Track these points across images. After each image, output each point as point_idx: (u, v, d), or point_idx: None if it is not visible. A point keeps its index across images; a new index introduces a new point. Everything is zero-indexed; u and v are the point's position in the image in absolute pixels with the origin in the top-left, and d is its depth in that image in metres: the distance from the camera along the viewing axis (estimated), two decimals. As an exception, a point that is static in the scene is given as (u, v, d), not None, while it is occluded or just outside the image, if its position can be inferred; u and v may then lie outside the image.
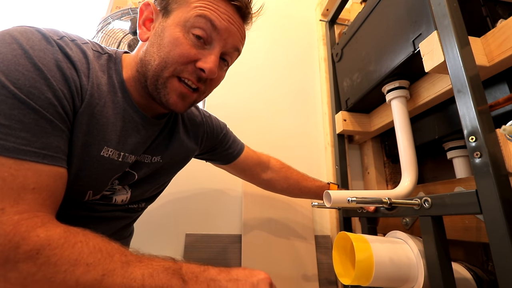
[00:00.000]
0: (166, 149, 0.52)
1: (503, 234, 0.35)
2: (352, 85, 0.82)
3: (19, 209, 0.29)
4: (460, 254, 0.72)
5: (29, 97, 0.31)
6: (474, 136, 0.40)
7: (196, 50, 0.42)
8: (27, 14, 1.05)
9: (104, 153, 0.41)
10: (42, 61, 0.33)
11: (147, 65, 0.42)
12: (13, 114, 0.30)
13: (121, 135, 0.43)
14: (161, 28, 0.42)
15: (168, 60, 0.41)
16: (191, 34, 0.41)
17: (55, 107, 0.33)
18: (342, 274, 0.51)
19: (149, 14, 0.45)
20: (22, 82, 0.31)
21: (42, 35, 0.35)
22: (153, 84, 0.42)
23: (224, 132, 0.66)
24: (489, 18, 0.57)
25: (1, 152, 0.29)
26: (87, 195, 0.42)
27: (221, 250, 0.80)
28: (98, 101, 0.39)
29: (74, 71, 0.36)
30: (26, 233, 0.28)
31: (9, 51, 0.31)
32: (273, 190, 0.77)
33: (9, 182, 0.29)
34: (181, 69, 0.41)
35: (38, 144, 0.31)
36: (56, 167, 0.33)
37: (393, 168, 0.92)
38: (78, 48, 0.39)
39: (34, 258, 0.27)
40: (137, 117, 0.45)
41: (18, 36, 0.33)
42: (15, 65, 0.31)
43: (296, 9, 1.22)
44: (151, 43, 0.42)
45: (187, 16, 0.41)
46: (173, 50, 0.41)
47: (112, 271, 0.30)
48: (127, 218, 0.52)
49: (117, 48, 0.93)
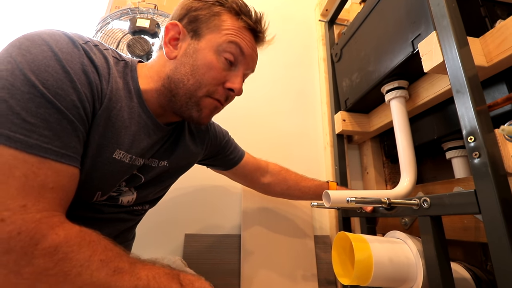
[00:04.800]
0: (172, 154, 0.54)
1: (502, 234, 0.35)
2: (351, 85, 0.82)
3: (39, 207, 0.30)
4: (459, 254, 0.72)
5: (55, 97, 0.32)
6: (473, 136, 0.40)
7: (225, 72, 0.47)
8: (27, 14, 1.04)
9: (116, 156, 0.42)
10: (70, 64, 0.35)
11: (179, 83, 0.45)
12: (39, 112, 0.31)
13: (134, 139, 0.44)
14: (193, 49, 0.46)
15: (203, 82, 0.45)
16: (223, 57, 0.46)
17: (77, 109, 0.35)
18: (342, 274, 0.51)
19: (176, 34, 0.47)
20: (51, 83, 0.32)
21: (69, 38, 0.37)
22: (184, 101, 0.46)
23: (226, 139, 0.68)
24: (487, 18, 0.57)
25: (24, 148, 0.30)
26: (96, 196, 0.43)
27: (221, 250, 0.80)
28: (115, 105, 0.41)
29: (97, 76, 0.38)
30: (46, 231, 0.29)
31: (39, 52, 0.33)
32: (273, 194, 0.77)
33: (31, 180, 0.30)
34: (213, 90, 0.46)
35: (58, 143, 0.32)
36: (72, 167, 0.34)
37: (392, 168, 0.92)
38: (101, 53, 0.41)
39: (52, 254, 0.29)
40: (150, 122, 0.47)
41: (47, 39, 0.34)
42: (45, 67, 0.32)
43: (296, 9, 1.22)
44: (182, 63, 0.45)
45: (220, 41, 0.45)
46: (207, 72, 0.45)
47: (122, 268, 0.32)
48: (130, 220, 0.54)
49: (116, 47, 0.93)
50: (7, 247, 0.27)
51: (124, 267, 0.33)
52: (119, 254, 0.34)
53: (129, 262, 0.34)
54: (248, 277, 0.76)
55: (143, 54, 0.85)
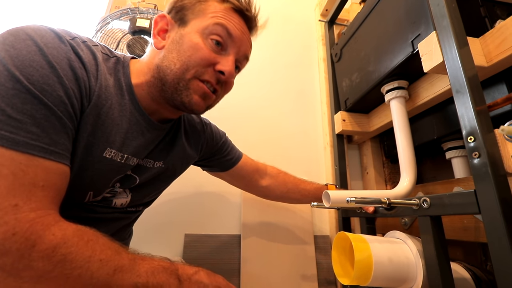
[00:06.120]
0: (168, 154, 0.53)
1: (502, 234, 0.35)
2: (351, 85, 0.82)
3: (32, 206, 0.29)
4: (459, 254, 0.72)
5: (42, 93, 0.31)
6: (472, 136, 0.40)
7: (214, 54, 0.45)
8: (27, 13, 1.04)
9: (106, 154, 0.41)
10: (56, 59, 0.33)
11: (166, 69, 0.44)
12: (26, 108, 0.30)
13: (126, 137, 0.43)
14: (179, 35, 0.45)
15: (190, 63, 0.43)
16: (210, 39, 0.44)
17: (65, 105, 0.33)
18: (341, 274, 0.51)
19: (164, 25, 0.47)
20: (36, 78, 0.31)
21: (56, 34, 0.36)
22: (173, 87, 0.44)
23: (223, 140, 0.68)
24: (487, 18, 0.57)
25: (11, 146, 0.29)
26: (88, 196, 0.43)
27: (220, 250, 0.80)
28: (104, 103, 0.40)
29: (84, 72, 0.37)
30: (42, 231, 0.28)
31: (23, 47, 0.32)
32: (272, 197, 0.77)
33: (20, 178, 0.29)
34: (202, 71, 0.44)
35: (46, 140, 0.31)
36: (62, 164, 0.33)
37: (392, 168, 0.92)
38: (89, 49, 0.40)
39: (50, 256, 0.28)
40: (142, 120, 0.46)
41: (32, 34, 0.33)
42: (30, 61, 0.31)
43: (296, 9, 1.22)
44: (169, 50, 0.44)
45: (205, 24, 0.44)
46: (194, 54, 0.43)
47: (121, 267, 0.32)
48: (126, 219, 0.53)
49: (115, 47, 0.93)
50: (2, 249, 0.26)
51: (124, 265, 0.32)
52: (118, 252, 0.33)
53: (128, 258, 0.33)
54: (248, 276, 0.76)
55: (143, 54, 0.85)
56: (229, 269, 0.77)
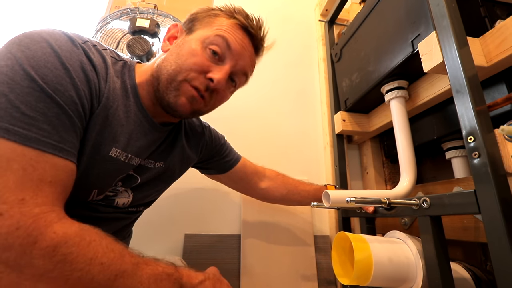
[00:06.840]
0: (169, 155, 0.54)
1: (502, 234, 0.35)
2: (351, 85, 0.82)
3: (38, 201, 0.29)
4: (459, 254, 0.72)
5: (55, 92, 0.32)
6: (472, 136, 0.40)
7: (209, 62, 0.46)
8: (27, 13, 1.04)
9: (112, 154, 0.42)
10: (69, 61, 0.35)
11: (163, 69, 0.46)
12: (39, 106, 0.31)
13: (130, 138, 0.45)
14: (182, 41, 0.48)
15: (183, 66, 0.45)
16: (208, 49, 0.46)
17: (76, 105, 0.35)
18: (341, 274, 0.51)
19: (175, 33, 0.51)
20: (50, 78, 0.32)
21: (68, 37, 0.37)
22: (165, 87, 0.45)
23: (222, 142, 0.69)
24: (487, 18, 0.57)
25: (23, 141, 0.29)
26: (92, 195, 0.43)
27: (220, 250, 0.80)
28: (112, 104, 0.41)
29: (95, 74, 0.39)
30: (44, 228, 0.28)
31: (39, 48, 0.33)
32: (271, 199, 0.76)
33: (29, 173, 0.29)
34: (193, 76, 0.45)
35: (56, 137, 0.32)
36: (69, 162, 0.34)
37: (392, 168, 0.92)
38: (99, 53, 0.42)
39: (51, 255, 0.28)
40: (145, 121, 0.47)
41: (47, 37, 0.35)
42: (45, 62, 0.33)
43: (295, 9, 1.22)
44: (171, 52, 0.47)
45: (208, 34, 0.47)
46: (189, 58, 0.45)
47: (123, 272, 0.32)
48: (127, 219, 0.54)
49: (115, 47, 0.93)
50: (5, 243, 0.26)
51: (126, 270, 0.32)
52: (121, 255, 0.33)
53: (131, 263, 0.33)
54: (248, 276, 0.76)
55: (142, 54, 0.85)
56: (229, 269, 0.77)
